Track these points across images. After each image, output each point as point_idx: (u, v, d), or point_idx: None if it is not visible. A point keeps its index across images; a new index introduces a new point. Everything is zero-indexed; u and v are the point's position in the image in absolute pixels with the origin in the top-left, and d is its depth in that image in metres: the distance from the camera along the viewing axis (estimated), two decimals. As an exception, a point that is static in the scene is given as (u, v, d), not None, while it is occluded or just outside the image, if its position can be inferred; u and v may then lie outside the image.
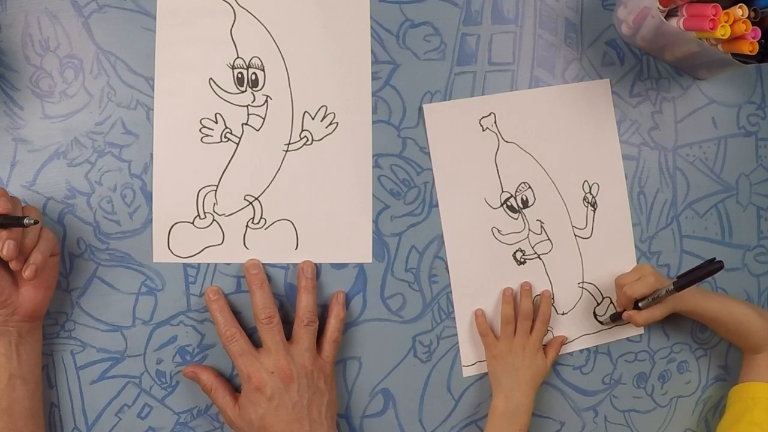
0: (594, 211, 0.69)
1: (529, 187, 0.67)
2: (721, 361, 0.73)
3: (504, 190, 0.66)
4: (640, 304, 0.64)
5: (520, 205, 0.67)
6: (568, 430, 0.69)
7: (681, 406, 0.72)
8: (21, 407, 0.50)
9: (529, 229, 0.67)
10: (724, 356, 0.74)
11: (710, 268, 0.59)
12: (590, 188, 0.69)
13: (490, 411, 0.63)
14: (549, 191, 0.67)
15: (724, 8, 0.58)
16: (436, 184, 0.64)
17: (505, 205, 0.66)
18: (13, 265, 0.47)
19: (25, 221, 0.47)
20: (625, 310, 0.65)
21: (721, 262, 0.59)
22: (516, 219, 0.67)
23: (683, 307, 0.65)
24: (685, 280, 0.60)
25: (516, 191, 0.67)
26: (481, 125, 0.66)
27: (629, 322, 0.64)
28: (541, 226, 0.67)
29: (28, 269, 0.48)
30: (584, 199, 0.69)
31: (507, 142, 0.66)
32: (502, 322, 0.65)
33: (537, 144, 0.67)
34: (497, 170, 0.66)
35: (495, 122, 0.66)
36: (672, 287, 0.61)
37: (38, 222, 0.48)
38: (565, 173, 0.68)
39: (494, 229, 0.66)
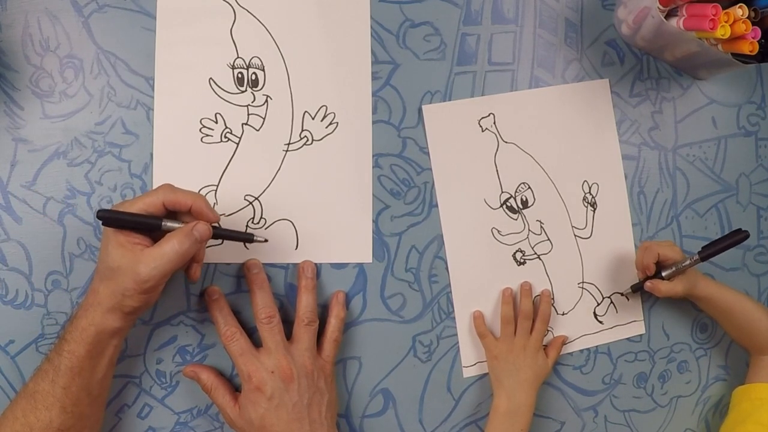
0: (594, 211, 0.69)
1: (529, 187, 0.67)
2: (721, 361, 0.73)
3: (503, 190, 0.66)
4: (663, 274, 0.64)
5: (520, 206, 0.67)
6: (568, 430, 0.69)
7: (681, 406, 0.72)
8: (106, 395, 0.53)
9: (529, 230, 0.67)
10: (724, 356, 0.74)
11: (736, 237, 0.61)
12: (590, 188, 0.69)
13: (491, 411, 0.63)
14: (548, 191, 0.67)
15: (724, 8, 0.58)
16: (436, 185, 0.64)
17: (504, 206, 0.66)
18: (195, 269, 0.54)
19: (255, 238, 0.55)
20: (646, 279, 0.65)
21: (747, 231, 0.60)
22: (516, 219, 0.67)
23: (702, 292, 0.66)
24: (710, 250, 0.62)
25: (515, 192, 0.67)
26: (481, 126, 0.66)
27: (650, 294, 0.65)
28: (541, 227, 0.67)
29: (198, 271, 0.54)
30: (584, 199, 0.69)
31: (506, 142, 0.66)
32: (502, 323, 0.65)
33: (536, 144, 0.67)
34: (497, 171, 0.66)
35: (494, 123, 0.66)
36: (698, 257, 0.62)
37: (267, 240, 0.57)
38: (565, 173, 0.68)
39: (494, 229, 0.66)
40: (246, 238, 0.55)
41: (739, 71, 0.72)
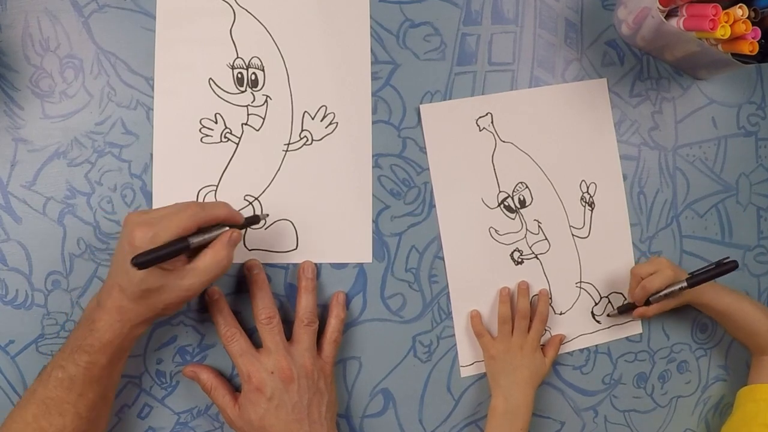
0: (591, 210, 0.69)
1: (526, 186, 0.67)
2: (721, 361, 0.73)
3: (501, 190, 0.66)
4: (650, 299, 0.64)
5: (518, 205, 0.67)
6: (568, 430, 0.69)
7: (681, 406, 0.72)
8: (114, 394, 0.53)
9: (527, 229, 0.67)
10: (724, 356, 0.74)
11: (724, 267, 0.61)
12: (587, 187, 0.69)
13: (489, 412, 0.63)
14: (546, 191, 0.67)
15: (724, 8, 0.58)
16: (434, 185, 0.64)
17: (502, 205, 0.66)
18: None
19: (261, 218, 0.58)
20: (635, 305, 0.65)
21: (735, 261, 0.61)
22: (513, 219, 0.67)
23: (697, 300, 0.66)
24: (698, 278, 0.62)
25: (513, 191, 0.67)
26: (478, 125, 0.66)
27: (637, 318, 0.65)
28: (539, 226, 0.67)
29: None
30: (581, 198, 0.68)
31: (504, 142, 0.66)
32: (499, 322, 0.65)
33: (534, 144, 0.67)
34: (494, 170, 0.66)
35: (492, 122, 0.66)
36: (685, 284, 0.62)
37: (267, 215, 0.59)
38: (562, 173, 0.68)
39: (491, 229, 0.66)
40: (256, 218, 0.56)
41: (739, 71, 0.72)
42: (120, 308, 0.48)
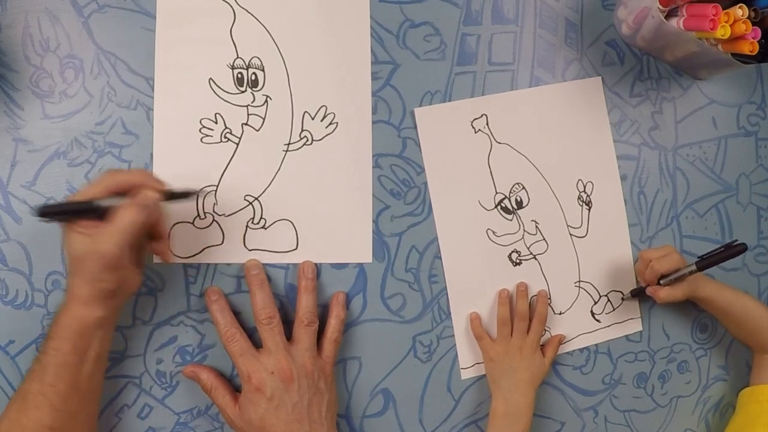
0: (589, 209, 0.69)
1: (523, 187, 0.67)
2: (721, 361, 0.73)
3: (498, 191, 0.66)
4: (661, 282, 0.64)
5: (515, 206, 0.67)
6: (568, 430, 0.69)
7: (681, 406, 0.72)
8: (98, 393, 0.53)
9: (524, 230, 0.67)
10: (724, 356, 0.74)
11: (733, 250, 0.61)
12: (584, 187, 0.69)
13: (490, 414, 0.63)
14: (543, 191, 0.67)
15: (724, 8, 0.58)
16: (430, 187, 0.64)
17: (499, 207, 0.66)
18: (162, 248, 0.56)
19: (193, 193, 0.54)
20: (648, 285, 0.65)
21: (743, 244, 0.60)
22: (510, 220, 0.67)
23: (701, 293, 0.65)
24: (707, 261, 0.61)
25: (510, 192, 0.67)
26: (473, 127, 0.66)
27: (651, 298, 0.65)
28: (536, 227, 0.67)
29: (167, 250, 0.57)
30: (579, 198, 0.68)
31: (499, 143, 0.66)
32: (499, 324, 0.65)
33: (530, 144, 0.67)
34: (490, 172, 0.66)
35: (487, 123, 0.66)
36: (695, 267, 0.62)
37: (197, 192, 0.57)
38: (559, 172, 0.68)
39: (489, 230, 0.66)
40: (186, 193, 0.54)
41: (739, 71, 0.72)
42: (68, 287, 0.49)
